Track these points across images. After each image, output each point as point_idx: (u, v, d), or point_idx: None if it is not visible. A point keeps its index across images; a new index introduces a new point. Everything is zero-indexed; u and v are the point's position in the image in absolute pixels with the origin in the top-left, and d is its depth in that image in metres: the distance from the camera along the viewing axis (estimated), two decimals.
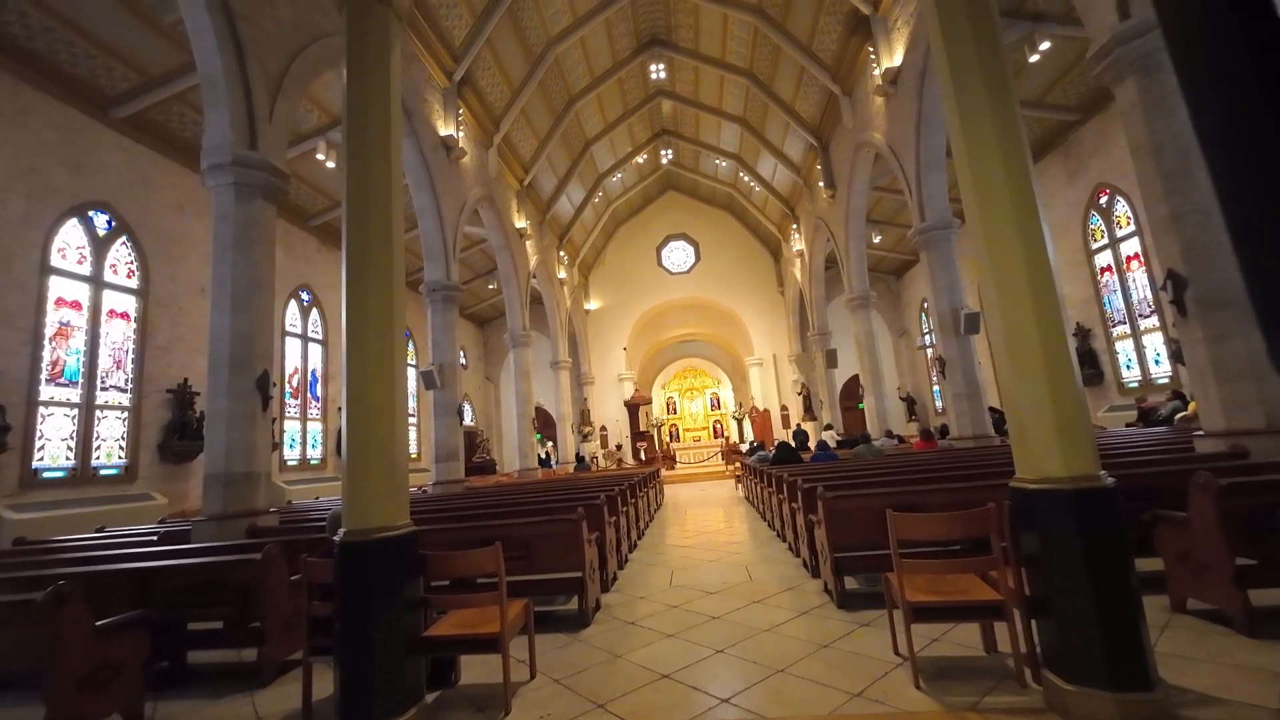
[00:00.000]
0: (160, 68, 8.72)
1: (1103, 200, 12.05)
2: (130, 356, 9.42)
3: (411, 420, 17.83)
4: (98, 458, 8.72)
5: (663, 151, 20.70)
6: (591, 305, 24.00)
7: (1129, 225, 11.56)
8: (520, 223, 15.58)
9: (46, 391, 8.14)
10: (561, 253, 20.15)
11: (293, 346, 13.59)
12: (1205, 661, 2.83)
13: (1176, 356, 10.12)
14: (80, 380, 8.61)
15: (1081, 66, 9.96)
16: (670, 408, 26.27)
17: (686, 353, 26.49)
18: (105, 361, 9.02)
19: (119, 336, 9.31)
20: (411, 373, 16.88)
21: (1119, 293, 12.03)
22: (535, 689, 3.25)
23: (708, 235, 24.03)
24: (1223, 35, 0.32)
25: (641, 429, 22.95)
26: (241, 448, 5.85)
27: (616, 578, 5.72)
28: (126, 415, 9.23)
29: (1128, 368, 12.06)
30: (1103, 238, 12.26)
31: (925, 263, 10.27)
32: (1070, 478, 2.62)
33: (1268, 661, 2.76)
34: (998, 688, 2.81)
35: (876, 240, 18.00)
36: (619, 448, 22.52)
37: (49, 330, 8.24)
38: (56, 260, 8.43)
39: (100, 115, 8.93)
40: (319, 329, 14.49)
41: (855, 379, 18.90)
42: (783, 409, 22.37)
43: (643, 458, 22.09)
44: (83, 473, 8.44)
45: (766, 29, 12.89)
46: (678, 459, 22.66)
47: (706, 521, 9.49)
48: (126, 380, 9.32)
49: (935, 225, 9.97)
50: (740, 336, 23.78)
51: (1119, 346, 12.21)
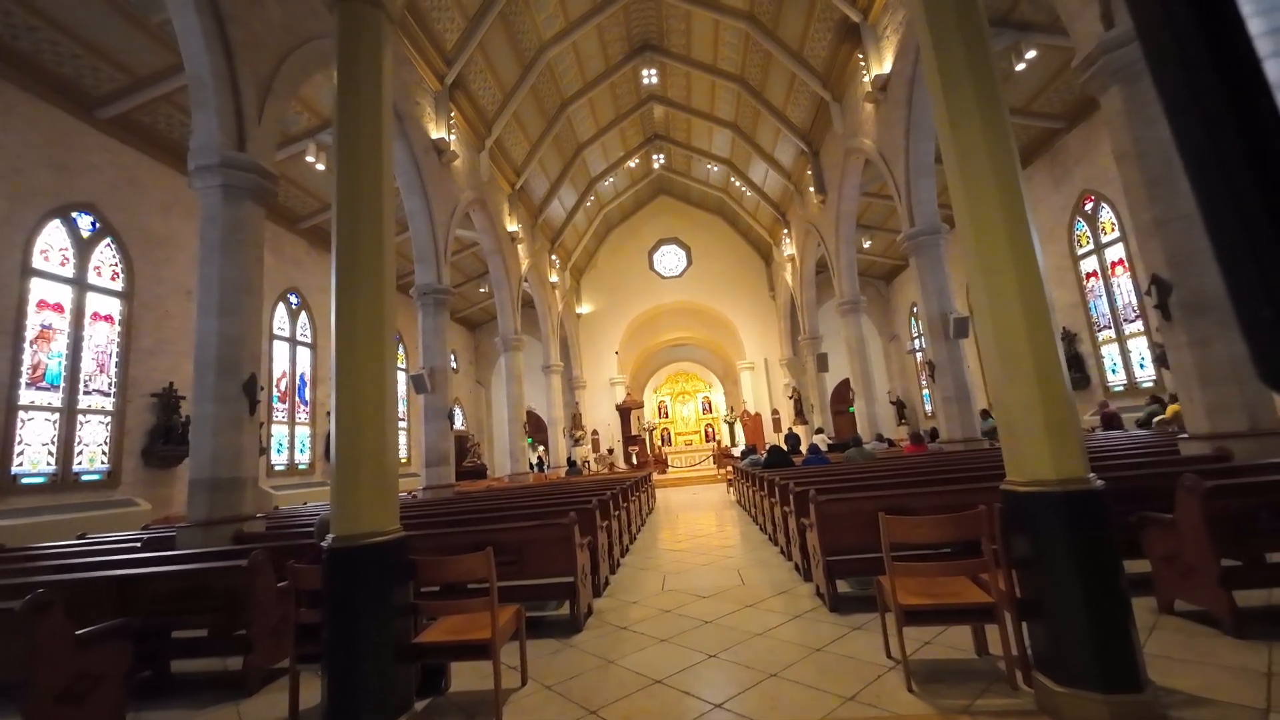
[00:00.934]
0: (147, 68, 8.63)
1: (1088, 206, 12.23)
2: (114, 360, 9.28)
3: (401, 425, 17.69)
4: (79, 463, 8.57)
5: (655, 156, 20.76)
6: (583, 309, 23.98)
7: (1114, 231, 11.74)
8: (512, 226, 15.55)
9: (26, 395, 7.99)
10: (553, 256, 20.13)
11: (281, 350, 13.45)
12: (1193, 662, 2.86)
13: (1161, 360, 10.27)
14: (62, 384, 8.46)
15: (1067, 75, 10.12)
16: (662, 412, 26.27)
17: (678, 357, 26.52)
18: (88, 365, 8.88)
19: (102, 340, 9.17)
20: (402, 376, 16.77)
21: (1104, 298, 12.20)
22: (527, 695, 3.22)
23: (699, 240, 24.12)
24: (1190, 54, 0.32)
25: (633, 433, 22.92)
26: (228, 452, 5.77)
27: (609, 582, 5.69)
28: (110, 420, 9.08)
29: (1113, 372, 12.22)
30: (1088, 243, 12.44)
31: (915, 268, 10.36)
32: (1060, 480, 2.64)
33: (1253, 662, 2.79)
34: (989, 690, 2.81)
35: (866, 245, 18.17)
36: (611, 452, 22.47)
37: (30, 333, 8.10)
38: (38, 262, 8.29)
39: (86, 116, 8.82)
40: (308, 332, 14.35)
41: (846, 383, 19.03)
42: (774, 413, 22.44)
43: (635, 462, 22.06)
44: (64, 479, 8.28)
45: (758, 35, 12.99)
46: (670, 463, 22.64)
47: (698, 525, 9.47)
48: (110, 384, 9.17)
49: (925, 231, 10.06)
50: (732, 340, 23.85)
51: (1105, 351, 12.37)
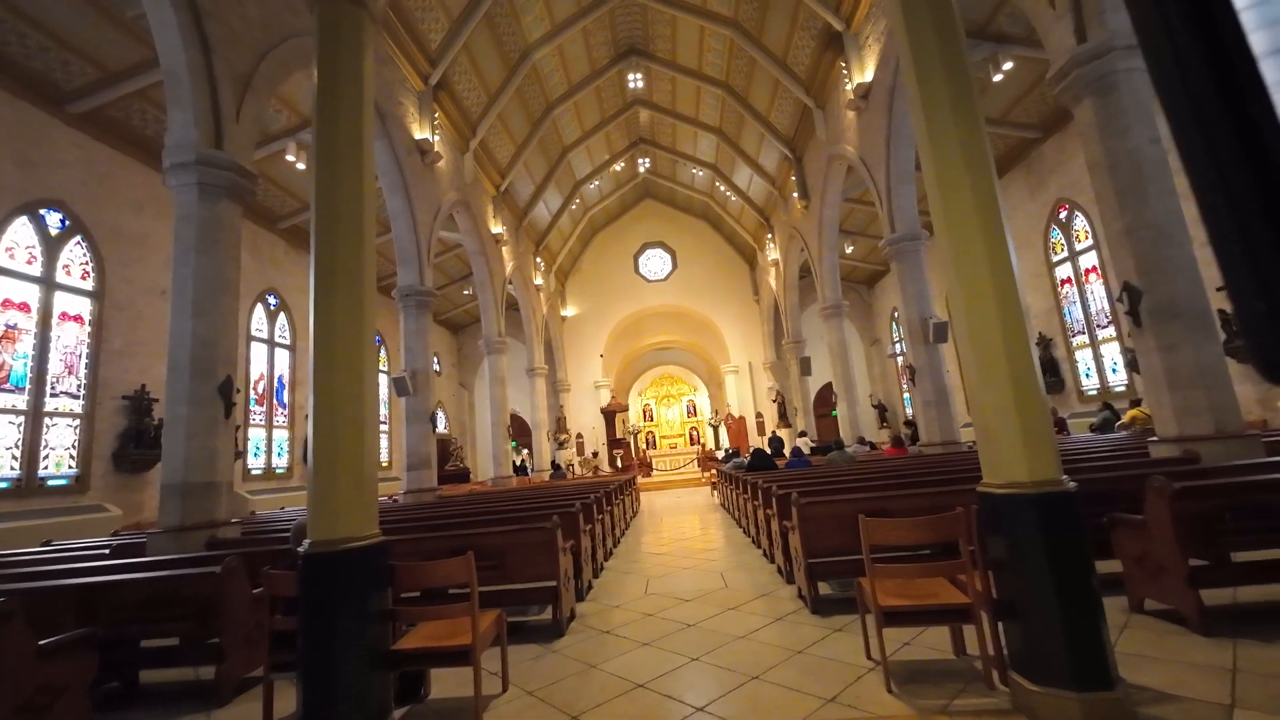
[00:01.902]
0: (121, 63, 8.42)
1: (1063, 215, 12.53)
2: (83, 361, 9.01)
3: (383, 428, 17.44)
4: (45, 467, 8.30)
5: (640, 160, 20.81)
6: (568, 312, 23.91)
7: (1087, 239, 12.04)
8: (496, 228, 15.46)
9: None
10: (538, 259, 20.05)
11: (259, 351, 13.19)
12: (1162, 660, 2.93)
13: (1132, 365, 10.54)
14: (27, 386, 8.20)
15: (1042, 86, 10.37)
16: (647, 415, 26.27)
17: (663, 360, 26.56)
18: (56, 366, 8.61)
19: (71, 340, 8.90)
20: (383, 379, 16.54)
21: (1078, 304, 12.49)
22: (508, 701, 3.19)
23: (684, 243, 24.21)
24: (1184, 52, 0.32)
25: (618, 436, 22.88)
26: (202, 456, 5.63)
27: (591, 586, 5.66)
28: (78, 423, 8.81)
29: (1087, 376, 12.52)
30: (1063, 250, 12.74)
31: (896, 273, 10.52)
32: (1034, 482, 2.69)
33: (1219, 659, 2.87)
34: (967, 690, 2.85)
35: (849, 250, 18.38)
36: (595, 455, 22.41)
37: None
38: (4, 260, 8.04)
39: (55, 110, 8.58)
40: (287, 334, 14.10)
41: (829, 386, 19.21)
42: (758, 416, 22.58)
43: (619, 465, 22.02)
44: (29, 483, 8.01)
45: (742, 42, 13.11)
46: (654, 466, 22.64)
47: (682, 528, 9.48)
48: (79, 386, 8.90)
49: (905, 237, 10.22)
50: (716, 344, 23.96)
51: (1079, 355, 12.67)
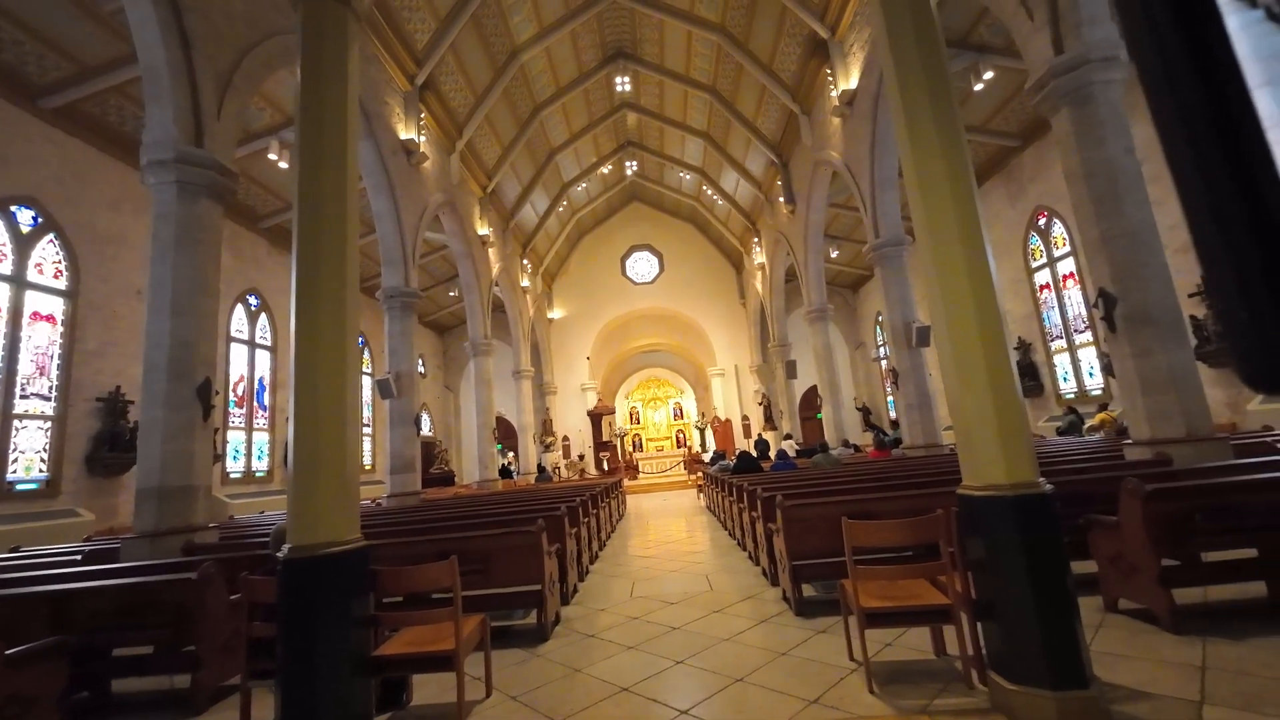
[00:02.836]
0: (97, 58, 8.25)
1: (1041, 222, 12.80)
2: (55, 362, 8.78)
3: (366, 430, 17.23)
4: (14, 471, 8.07)
5: (627, 163, 20.85)
6: (555, 314, 23.84)
7: (1065, 246, 12.31)
8: (483, 230, 15.38)
9: None
10: (525, 261, 19.98)
11: (239, 353, 12.96)
12: (1135, 658, 2.99)
13: (1108, 370, 10.78)
14: None
15: (1021, 96, 10.56)
16: (633, 418, 26.26)
17: (650, 363, 26.58)
18: (26, 367, 8.38)
19: (43, 341, 8.67)
20: (367, 381, 16.34)
21: (1056, 309, 12.76)
22: (491, 707, 3.17)
23: (671, 247, 24.29)
24: (1172, 61, 0.33)
25: (604, 439, 22.84)
26: (179, 460, 5.51)
27: (577, 590, 5.64)
28: (50, 426, 8.58)
29: (1064, 380, 12.77)
30: (1041, 257, 13.00)
31: (880, 278, 10.65)
32: (1012, 484, 2.74)
33: (1190, 657, 2.94)
34: (947, 690, 2.89)
35: (834, 255, 18.57)
36: (581, 458, 22.35)
37: None
38: None
39: (28, 105, 8.37)
40: (268, 335, 13.87)
41: (814, 389, 19.38)
42: (744, 419, 22.68)
43: (605, 468, 21.98)
44: None
45: (729, 47, 13.21)
46: (641, 469, 22.63)
47: (668, 531, 9.49)
48: (51, 388, 8.67)
49: (889, 242, 10.36)
50: (703, 347, 24.05)
51: (1057, 360, 12.93)
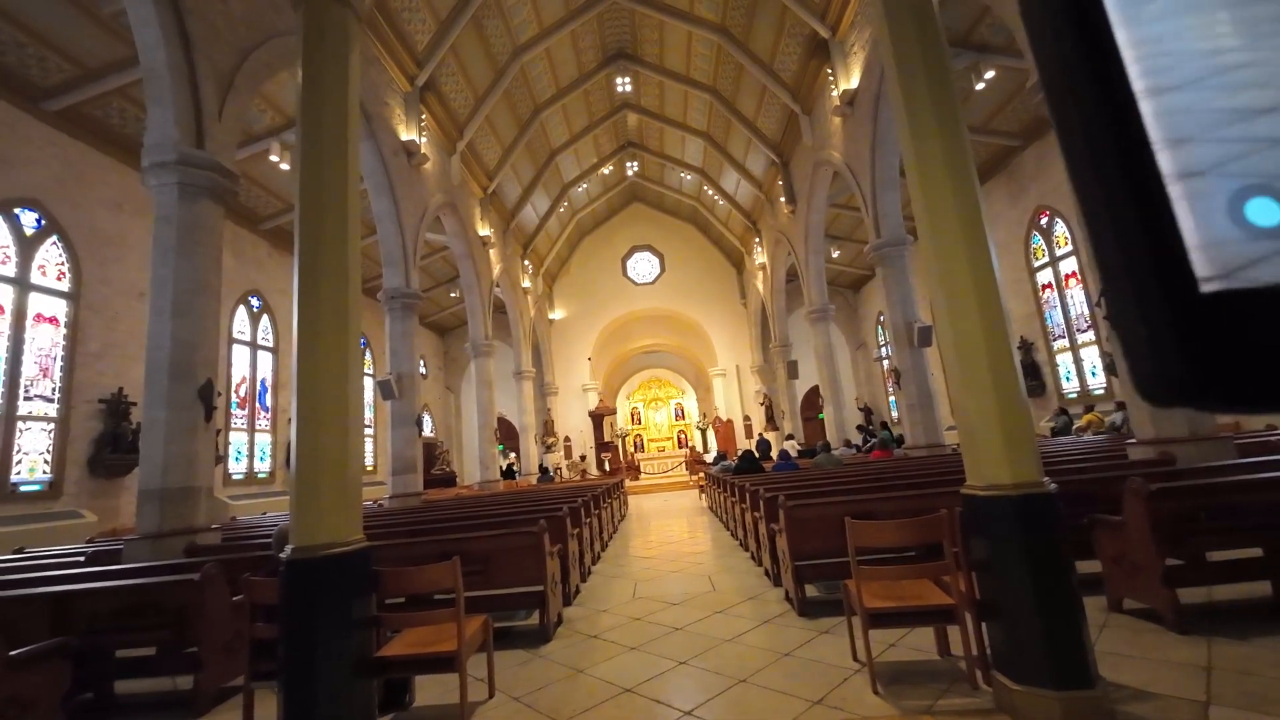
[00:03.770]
0: (98, 60, 8.27)
1: (1043, 221, 12.77)
2: (58, 364, 8.80)
3: (368, 431, 17.24)
4: (18, 473, 8.08)
5: (628, 164, 20.85)
6: (556, 315, 23.85)
7: (1067, 245, 12.28)
8: (484, 230, 15.39)
9: None
10: (526, 262, 19.98)
11: (241, 354, 12.98)
12: (1139, 658, 2.98)
13: (1110, 369, 10.75)
14: (0, 389, 7.98)
15: (1024, 95, 10.57)
16: (635, 418, 26.25)
17: (651, 363, 26.58)
18: (30, 369, 8.40)
19: (46, 343, 8.69)
20: (368, 382, 16.36)
21: (1059, 308, 12.73)
22: (494, 708, 3.16)
23: (672, 247, 24.28)
24: (1080, 93, 0.34)
25: (606, 440, 22.84)
26: (181, 461, 5.52)
27: (579, 591, 5.64)
28: (53, 427, 8.60)
29: (1067, 379, 12.75)
30: (1044, 256, 12.98)
31: (881, 277, 10.64)
32: (1015, 484, 2.73)
33: (1195, 657, 2.93)
34: (951, 690, 2.88)
35: (835, 255, 18.57)
36: (583, 459, 22.34)
37: None
38: None
39: (30, 107, 8.39)
40: (270, 336, 13.89)
41: (816, 389, 19.36)
42: (745, 419, 22.67)
43: (607, 468, 21.98)
44: (0, 489, 7.80)
45: (729, 47, 13.21)
46: (642, 469, 22.62)
47: (670, 532, 9.48)
48: (54, 389, 8.69)
49: (890, 242, 10.35)
50: (704, 347, 24.03)
51: (1059, 359, 12.90)
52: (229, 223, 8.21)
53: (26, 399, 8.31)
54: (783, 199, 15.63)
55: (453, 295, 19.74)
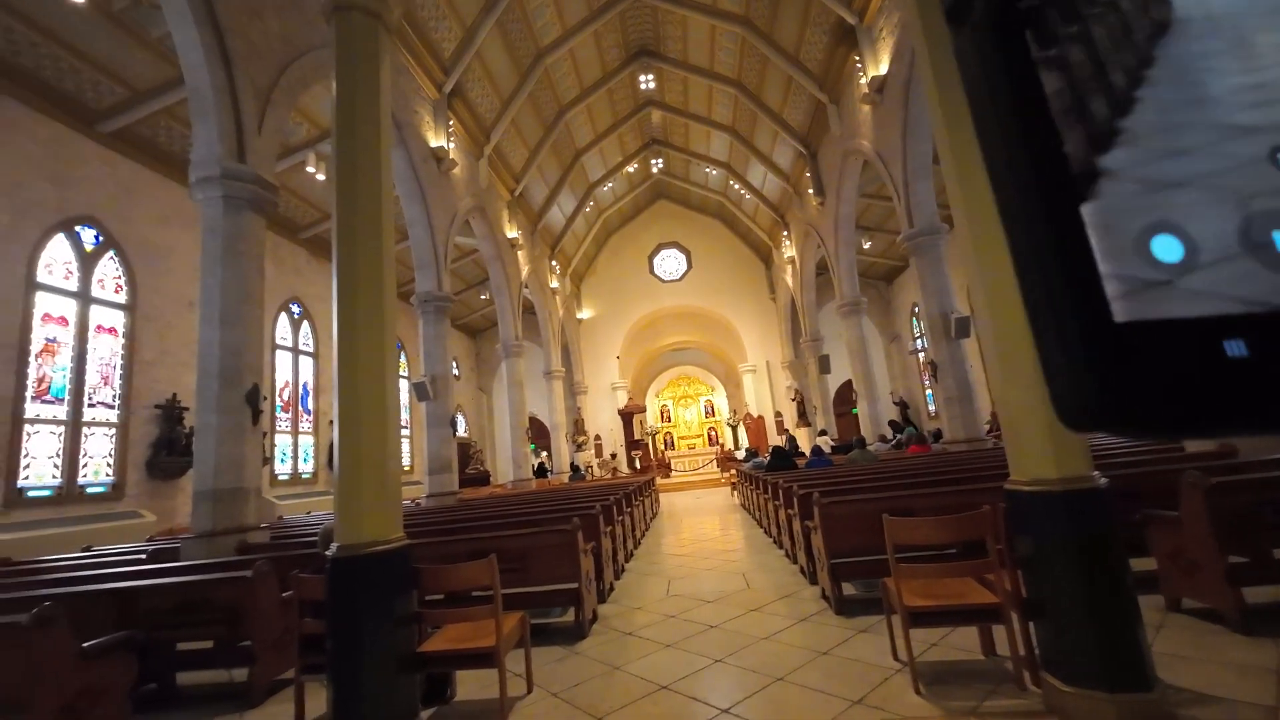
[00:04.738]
0: (147, 82, 8.70)
1: None
2: (118, 372, 9.31)
3: (404, 432, 17.69)
4: (84, 475, 8.59)
5: (653, 161, 20.81)
6: (584, 314, 24.00)
7: None
8: (512, 233, 15.59)
9: (32, 409, 8.02)
10: (553, 262, 20.16)
11: (283, 359, 13.49)
12: (1201, 660, 2.84)
13: None
14: (67, 397, 8.49)
15: None
16: (664, 416, 26.24)
17: (679, 361, 26.50)
18: (93, 378, 8.91)
19: (106, 352, 9.20)
20: (404, 384, 16.78)
21: None
22: (532, 703, 3.21)
23: (699, 243, 24.15)
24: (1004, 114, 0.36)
25: (636, 437, 22.89)
26: (231, 463, 5.77)
27: (613, 588, 5.67)
28: (114, 432, 9.10)
29: None
30: None
31: (915, 268, 10.35)
32: (1062, 479, 2.63)
33: (1262, 659, 2.77)
34: (997, 691, 2.80)
35: (866, 246, 18.15)
36: (614, 456, 22.45)
37: (35, 347, 8.14)
38: (43, 275, 8.34)
39: (86, 129, 8.88)
40: (310, 341, 14.39)
41: (849, 384, 18.98)
42: (777, 415, 22.40)
43: (638, 466, 22.04)
44: (69, 491, 8.30)
45: (754, 39, 13.04)
46: (673, 467, 22.61)
47: (702, 529, 9.45)
48: (114, 396, 9.20)
49: (924, 231, 10.06)
50: (733, 343, 23.84)
51: None
52: (269, 232, 8.53)
53: (90, 406, 8.81)
54: (811, 191, 15.36)
55: (483, 297, 20.08)
